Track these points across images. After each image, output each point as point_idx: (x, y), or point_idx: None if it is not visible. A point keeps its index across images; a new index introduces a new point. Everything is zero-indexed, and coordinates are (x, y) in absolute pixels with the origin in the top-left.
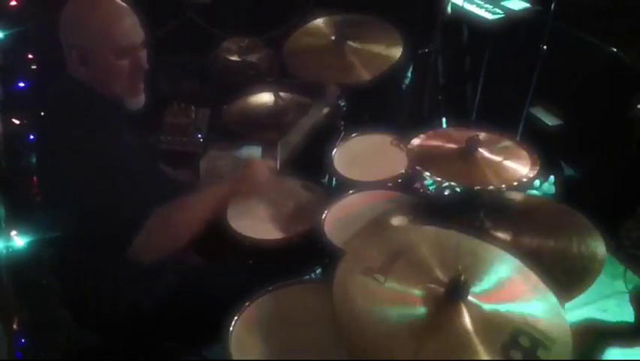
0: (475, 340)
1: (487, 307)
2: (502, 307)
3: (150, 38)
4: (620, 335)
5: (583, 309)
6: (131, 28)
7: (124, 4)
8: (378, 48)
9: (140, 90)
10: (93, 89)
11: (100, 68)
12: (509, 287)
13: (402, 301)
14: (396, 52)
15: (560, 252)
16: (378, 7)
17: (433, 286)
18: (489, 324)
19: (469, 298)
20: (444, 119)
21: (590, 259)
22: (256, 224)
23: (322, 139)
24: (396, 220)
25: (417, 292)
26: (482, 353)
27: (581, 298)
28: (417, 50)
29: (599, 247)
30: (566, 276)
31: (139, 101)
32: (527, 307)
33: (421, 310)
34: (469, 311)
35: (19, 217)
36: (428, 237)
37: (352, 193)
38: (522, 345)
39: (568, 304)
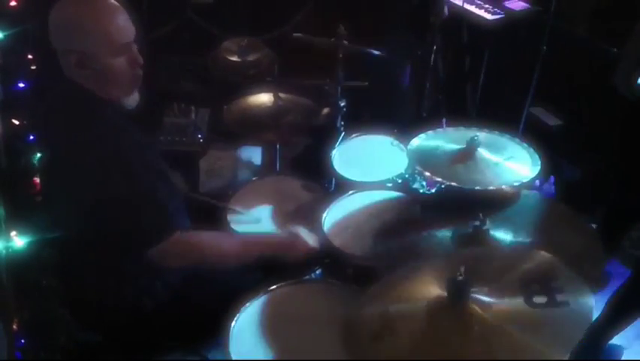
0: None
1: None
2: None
3: (142, 34)
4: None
5: None
6: (125, 24)
7: (115, 2)
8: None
9: (135, 88)
10: (93, 92)
11: (99, 69)
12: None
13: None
14: None
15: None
16: (375, 7)
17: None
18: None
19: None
20: (444, 119)
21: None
22: (256, 225)
23: (322, 139)
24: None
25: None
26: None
27: None
28: (415, 50)
29: (598, 253)
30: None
31: (134, 99)
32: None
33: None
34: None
35: (19, 217)
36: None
37: (352, 193)
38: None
39: None
